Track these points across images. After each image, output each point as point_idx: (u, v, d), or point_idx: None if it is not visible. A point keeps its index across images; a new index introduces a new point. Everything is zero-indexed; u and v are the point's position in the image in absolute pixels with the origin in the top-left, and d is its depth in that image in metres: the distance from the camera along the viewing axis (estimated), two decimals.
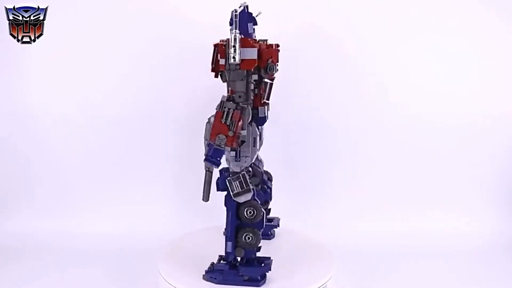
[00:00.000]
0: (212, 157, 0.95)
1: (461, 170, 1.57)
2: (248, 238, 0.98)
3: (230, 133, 0.93)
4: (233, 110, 0.94)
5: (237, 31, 0.93)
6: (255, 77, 1.01)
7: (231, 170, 1.00)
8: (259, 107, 1.05)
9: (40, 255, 1.39)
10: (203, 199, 1.02)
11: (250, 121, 1.00)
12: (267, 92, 1.07)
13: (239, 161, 0.99)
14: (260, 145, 1.11)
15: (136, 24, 1.47)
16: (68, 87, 1.52)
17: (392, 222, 1.53)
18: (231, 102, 0.94)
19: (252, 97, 1.01)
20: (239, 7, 0.94)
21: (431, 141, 1.55)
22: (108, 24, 1.48)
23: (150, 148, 1.54)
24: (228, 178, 0.98)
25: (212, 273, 1.01)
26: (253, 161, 1.03)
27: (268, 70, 0.99)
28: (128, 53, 1.49)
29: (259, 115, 1.05)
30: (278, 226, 1.23)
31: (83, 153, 1.56)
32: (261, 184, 1.17)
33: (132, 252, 1.40)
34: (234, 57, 0.92)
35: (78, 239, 1.47)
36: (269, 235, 1.22)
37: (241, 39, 0.93)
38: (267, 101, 1.08)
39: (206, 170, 1.00)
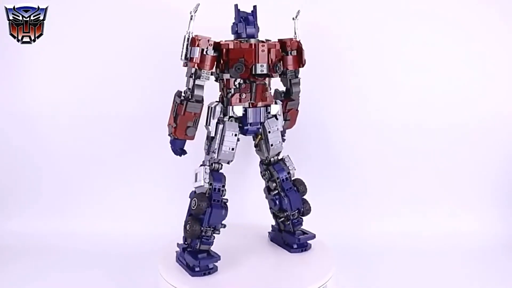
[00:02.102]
0: (171, 145, 1.03)
1: (462, 170, 1.57)
2: (188, 226, 1.01)
3: (174, 125, 1.00)
4: (178, 104, 1.00)
5: (190, 30, 0.98)
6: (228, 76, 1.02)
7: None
8: (229, 106, 1.02)
9: (40, 255, 1.39)
10: None
11: (223, 119, 1.02)
12: (253, 92, 1.02)
13: (208, 154, 1.04)
14: (269, 149, 1.09)
15: (136, 23, 1.47)
16: (68, 87, 1.52)
17: (393, 222, 1.53)
18: (178, 97, 1.00)
19: (230, 96, 1.02)
20: (194, 8, 0.97)
21: (431, 142, 1.55)
22: (108, 24, 1.48)
23: (151, 149, 1.54)
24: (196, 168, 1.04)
25: (177, 251, 1.09)
26: (223, 158, 1.03)
27: (235, 69, 0.99)
28: (129, 53, 1.49)
29: (229, 115, 1.02)
30: (299, 241, 1.14)
31: (83, 153, 1.56)
32: (279, 190, 1.13)
33: (133, 252, 1.40)
34: (182, 55, 0.99)
35: (78, 239, 1.47)
36: (289, 247, 1.14)
37: (192, 38, 0.98)
38: (253, 102, 1.03)
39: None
